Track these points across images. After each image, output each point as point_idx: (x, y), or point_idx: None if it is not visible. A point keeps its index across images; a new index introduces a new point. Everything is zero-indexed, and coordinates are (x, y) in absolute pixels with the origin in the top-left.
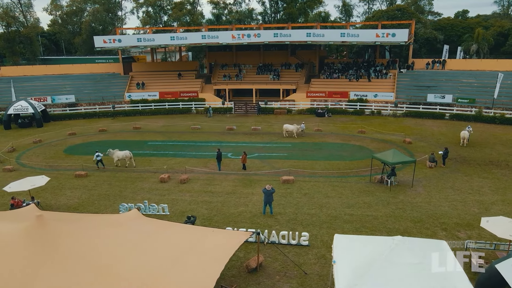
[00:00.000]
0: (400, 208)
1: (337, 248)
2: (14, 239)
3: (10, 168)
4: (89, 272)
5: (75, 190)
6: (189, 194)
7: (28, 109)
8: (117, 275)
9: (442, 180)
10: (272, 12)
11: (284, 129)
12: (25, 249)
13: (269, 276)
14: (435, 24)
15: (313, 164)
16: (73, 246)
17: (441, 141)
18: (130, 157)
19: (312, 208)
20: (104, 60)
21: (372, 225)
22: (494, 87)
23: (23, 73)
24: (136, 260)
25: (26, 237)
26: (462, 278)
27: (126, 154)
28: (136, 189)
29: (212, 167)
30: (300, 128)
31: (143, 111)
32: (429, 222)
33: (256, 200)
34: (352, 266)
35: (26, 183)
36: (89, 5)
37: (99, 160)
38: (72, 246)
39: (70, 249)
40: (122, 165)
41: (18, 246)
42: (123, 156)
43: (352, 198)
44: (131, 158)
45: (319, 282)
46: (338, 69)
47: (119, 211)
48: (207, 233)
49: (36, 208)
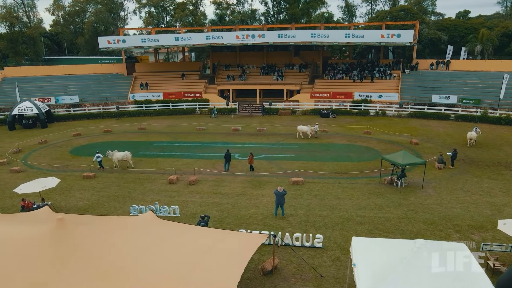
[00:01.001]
0: (411, 210)
1: (356, 251)
2: (38, 242)
3: (18, 169)
4: (110, 275)
5: (84, 192)
6: (198, 196)
7: (32, 109)
8: (139, 278)
9: (452, 182)
10: (274, 13)
11: (299, 130)
12: (49, 251)
13: (285, 278)
14: (438, 24)
15: (321, 165)
16: (94, 249)
17: (448, 142)
18: (129, 157)
19: (324, 210)
20: (107, 60)
21: (385, 227)
22: (499, 88)
23: (26, 74)
24: (157, 263)
25: (50, 240)
26: (485, 280)
27: (126, 155)
28: (145, 190)
29: (220, 168)
30: (314, 129)
31: (147, 111)
32: (442, 224)
33: (267, 202)
34: (374, 270)
35: (36, 185)
36: (91, 5)
37: (99, 161)
38: (94, 249)
39: (91, 252)
40: (123, 166)
41: (42, 249)
42: (123, 157)
43: (363, 200)
44: (131, 159)
45: (335, 285)
46: (342, 70)
47: (130, 213)
48: (224, 236)
49: (50, 210)
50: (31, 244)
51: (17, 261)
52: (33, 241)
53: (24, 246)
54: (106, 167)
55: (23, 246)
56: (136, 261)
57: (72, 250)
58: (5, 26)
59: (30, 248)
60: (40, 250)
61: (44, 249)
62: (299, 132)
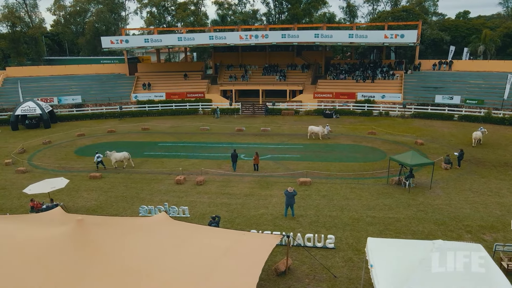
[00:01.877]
0: (421, 211)
1: (372, 251)
2: (60, 243)
3: (23, 169)
4: (133, 277)
5: (91, 192)
6: (207, 196)
7: (35, 110)
8: (159, 279)
9: (460, 182)
10: (276, 13)
11: (309, 131)
12: (72, 253)
13: (299, 279)
14: (439, 25)
15: (327, 165)
16: (115, 250)
17: (453, 143)
18: (128, 158)
19: (333, 210)
20: (109, 60)
21: (395, 228)
22: (502, 88)
23: (28, 74)
24: (177, 264)
25: (71, 241)
26: (504, 281)
27: (124, 155)
28: (153, 191)
29: (226, 169)
30: (325, 130)
31: (150, 112)
32: (453, 224)
33: (276, 202)
34: (393, 271)
35: (45, 185)
36: (92, 5)
37: (99, 161)
38: (114, 251)
39: (113, 254)
40: (120, 166)
41: (65, 251)
42: (121, 158)
43: (371, 200)
44: (130, 159)
45: (350, 285)
46: (345, 70)
47: (139, 213)
48: (239, 236)
49: (63, 211)
50: (54, 245)
51: (42, 263)
52: (55, 242)
53: (47, 248)
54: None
55: (46, 248)
56: (156, 262)
57: (94, 252)
58: (7, 26)
59: (53, 250)
60: (63, 252)
61: (67, 251)
62: (310, 133)
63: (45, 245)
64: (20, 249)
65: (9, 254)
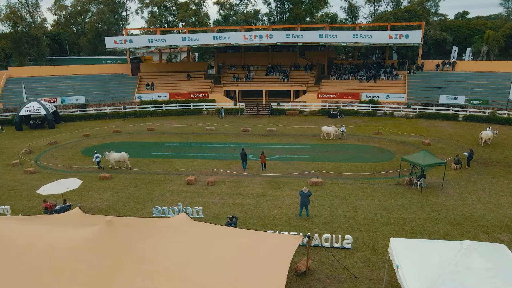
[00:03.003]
0: (435, 211)
1: (396, 252)
2: (93, 244)
3: (32, 170)
4: (164, 278)
5: (102, 193)
6: (219, 197)
7: (40, 110)
8: (190, 280)
9: (470, 182)
10: (278, 13)
11: (323, 131)
12: (104, 255)
13: (319, 279)
14: (441, 25)
15: (337, 166)
16: (144, 251)
17: (460, 143)
18: (126, 158)
19: (347, 211)
20: (111, 61)
21: (411, 228)
22: (506, 89)
23: (31, 74)
24: (204, 264)
25: (103, 242)
26: None
27: (123, 156)
28: (164, 191)
29: (235, 169)
30: (339, 130)
31: (154, 112)
32: (468, 224)
33: (289, 203)
34: (421, 271)
35: (59, 186)
36: (93, 5)
37: (98, 161)
38: (144, 252)
39: (142, 254)
40: (120, 166)
41: (97, 252)
42: (119, 158)
43: (384, 201)
44: (128, 160)
45: (371, 285)
46: (348, 71)
47: (152, 214)
48: (262, 237)
49: (81, 211)
50: (86, 247)
51: (74, 265)
52: (87, 243)
53: (79, 250)
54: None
55: (78, 250)
56: (186, 263)
57: (126, 253)
58: (9, 25)
59: (85, 251)
60: (96, 253)
61: (99, 252)
62: (323, 133)
63: (77, 246)
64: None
65: (39, 256)
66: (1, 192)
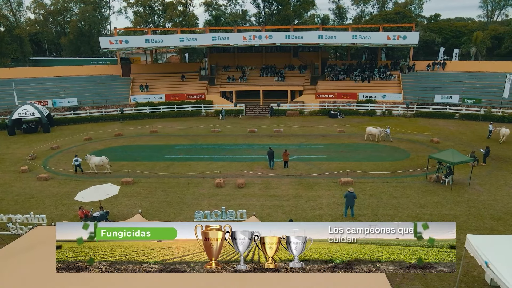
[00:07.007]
0: (472, 207)
1: (480, 249)
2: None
3: (46, 176)
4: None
5: (131, 198)
6: (255, 199)
7: (34, 113)
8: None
9: (493, 178)
10: (266, 14)
11: (367, 132)
12: None
13: (389, 278)
14: (423, 26)
15: (358, 165)
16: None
17: (465, 140)
18: (106, 162)
19: (388, 209)
20: (99, 61)
21: (458, 224)
22: (497, 88)
23: (16, 75)
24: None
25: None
26: None
27: (103, 160)
28: (196, 195)
29: (259, 170)
30: (383, 131)
31: (151, 114)
32: (510, 219)
33: (327, 203)
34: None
35: (97, 193)
36: (73, 4)
37: (77, 165)
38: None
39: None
40: (100, 171)
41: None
42: (99, 162)
43: (419, 198)
44: (107, 164)
45: (441, 282)
46: (343, 71)
47: (194, 218)
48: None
49: (142, 217)
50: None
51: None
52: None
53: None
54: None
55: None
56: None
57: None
58: None
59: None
60: None
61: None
62: (367, 134)
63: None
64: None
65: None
66: (21, 200)
